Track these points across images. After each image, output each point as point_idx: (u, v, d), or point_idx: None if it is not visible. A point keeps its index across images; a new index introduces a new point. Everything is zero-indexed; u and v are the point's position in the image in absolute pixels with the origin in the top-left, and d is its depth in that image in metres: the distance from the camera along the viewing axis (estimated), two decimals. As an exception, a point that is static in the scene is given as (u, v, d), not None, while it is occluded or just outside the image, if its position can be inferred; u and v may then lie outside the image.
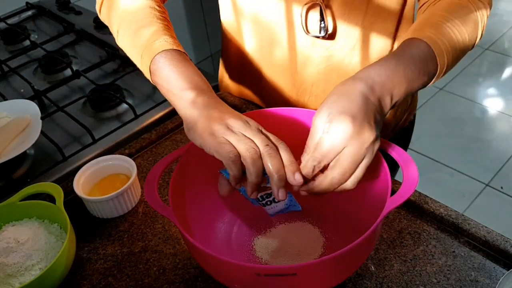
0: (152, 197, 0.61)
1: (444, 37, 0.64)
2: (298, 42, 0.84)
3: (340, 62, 0.84)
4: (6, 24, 1.39)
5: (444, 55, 0.64)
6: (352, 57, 0.83)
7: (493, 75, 2.72)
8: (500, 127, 2.40)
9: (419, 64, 0.62)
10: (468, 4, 0.69)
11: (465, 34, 0.67)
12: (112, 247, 0.77)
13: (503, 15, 3.15)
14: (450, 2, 0.69)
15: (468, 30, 0.67)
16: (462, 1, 0.69)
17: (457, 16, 0.67)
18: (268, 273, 0.54)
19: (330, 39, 0.82)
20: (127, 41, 0.73)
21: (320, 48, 0.83)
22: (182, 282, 0.71)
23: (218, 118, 0.59)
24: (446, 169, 2.19)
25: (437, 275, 0.67)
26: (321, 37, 0.81)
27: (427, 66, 0.63)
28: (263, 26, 0.86)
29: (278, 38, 0.86)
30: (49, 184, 0.77)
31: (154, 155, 0.93)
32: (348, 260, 0.59)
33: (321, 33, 0.80)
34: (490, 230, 0.71)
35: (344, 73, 0.85)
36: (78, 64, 1.22)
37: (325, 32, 0.80)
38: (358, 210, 0.70)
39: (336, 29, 0.80)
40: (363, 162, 0.57)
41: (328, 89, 0.87)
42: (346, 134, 0.56)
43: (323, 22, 0.79)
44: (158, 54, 0.66)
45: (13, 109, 0.97)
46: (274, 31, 0.85)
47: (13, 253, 0.69)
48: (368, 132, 0.56)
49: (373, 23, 0.79)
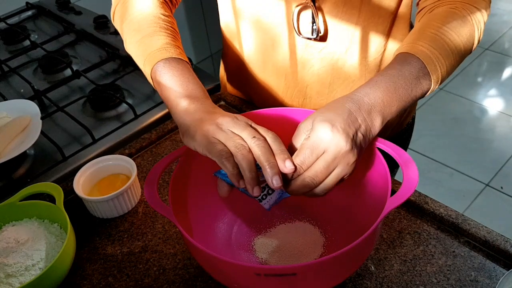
0: (152, 197, 0.61)
1: (437, 50, 0.65)
2: (291, 44, 0.84)
3: (334, 64, 0.84)
4: (6, 24, 1.39)
5: (438, 69, 0.64)
6: (347, 59, 0.83)
7: (493, 75, 2.72)
8: (500, 127, 2.40)
9: (411, 82, 0.63)
10: (462, 11, 0.69)
11: (460, 44, 0.67)
12: (112, 247, 0.77)
13: (503, 15, 3.16)
14: (445, 10, 0.69)
15: (463, 39, 0.67)
16: (457, 9, 0.69)
17: (451, 26, 0.67)
18: (268, 273, 0.54)
19: (322, 41, 0.82)
20: (133, 50, 0.75)
21: (313, 50, 0.83)
22: (182, 282, 0.71)
23: (209, 119, 0.61)
24: (446, 169, 2.19)
25: (437, 275, 0.68)
26: (313, 39, 0.81)
27: (419, 82, 0.64)
28: (259, 28, 0.86)
29: (272, 40, 0.86)
30: (49, 184, 0.77)
31: (154, 155, 0.93)
32: (348, 260, 0.59)
33: (313, 35, 0.80)
34: (490, 230, 0.71)
35: (338, 75, 0.85)
36: (78, 64, 1.22)
37: (317, 34, 0.80)
38: (358, 210, 0.70)
39: (327, 30, 0.80)
40: (335, 171, 0.58)
41: (323, 91, 0.88)
42: (323, 140, 0.57)
43: (314, 24, 0.79)
44: (157, 63, 0.69)
45: (13, 109, 0.97)
46: (269, 33, 0.85)
47: (13, 253, 0.69)
48: (343, 142, 0.57)
49: (367, 24, 0.79)
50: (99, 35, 1.29)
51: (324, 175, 0.58)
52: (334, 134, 0.57)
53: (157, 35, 0.72)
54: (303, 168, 0.58)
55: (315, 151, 0.58)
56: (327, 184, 0.59)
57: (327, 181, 0.58)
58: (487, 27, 0.73)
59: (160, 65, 0.69)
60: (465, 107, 2.52)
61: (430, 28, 0.67)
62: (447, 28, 0.66)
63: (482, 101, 2.55)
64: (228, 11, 0.91)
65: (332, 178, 0.58)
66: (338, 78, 0.86)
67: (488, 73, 2.75)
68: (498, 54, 2.85)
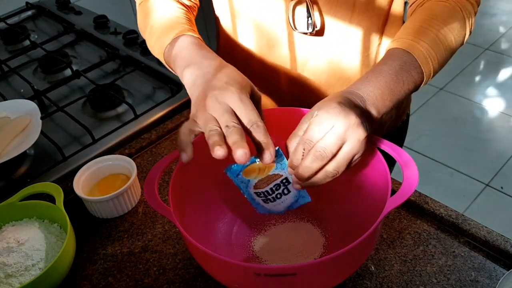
0: (152, 197, 0.61)
1: (427, 43, 0.66)
2: (290, 42, 0.84)
3: (331, 59, 0.84)
4: (6, 24, 1.39)
5: (429, 61, 0.66)
6: (343, 55, 0.83)
7: (493, 75, 2.72)
8: (500, 127, 2.40)
9: (402, 75, 0.64)
10: (452, 3, 0.70)
11: (450, 36, 0.68)
12: (112, 247, 0.77)
13: (502, 15, 3.15)
14: (435, 4, 0.70)
15: (454, 32, 0.69)
16: (447, 2, 0.70)
17: (441, 18, 0.68)
18: (267, 273, 0.54)
19: (319, 35, 0.82)
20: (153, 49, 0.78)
21: (309, 45, 0.83)
22: (182, 282, 0.71)
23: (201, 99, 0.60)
24: (446, 169, 2.19)
25: (437, 275, 0.68)
26: (309, 34, 0.81)
27: (411, 75, 0.65)
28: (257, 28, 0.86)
29: (271, 39, 0.86)
30: (49, 184, 0.77)
31: (154, 155, 0.93)
32: (348, 260, 0.59)
33: (309, 29, 0.80)
34: (490, 230, 0.71)
35: (334, 71, 0.85)
36: (78, 64, 1.22)
37: (313, 28, 0.80)
38: (358, 210, 0.70)
39: (324, 25, 0.80)
40: (346, 146, 0.57)
41: (319, 87, 0.88)
42: (331, 115, 0.57)
43: (310, 18, 0.79)
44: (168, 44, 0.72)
45: (13, 109, 0.97)
46: (267, 32, 0.85)
47: (13, 253, 0.69)
48: (353, 115, 0.57)
49: (362, 19, 0.80)
50: (99, 35, 1.29)
51: (335, 148, 0.57)
52: (343, 108, 0.57)
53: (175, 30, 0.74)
54: (313, 142, 0.57)
55: (324, 126, 0.57)
56: (339, 161, 0.58)
57: (338, 157, 0.57)
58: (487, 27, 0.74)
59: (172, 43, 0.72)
60: (465, 107, 2.52)
61: (420, 22, 0.68)
62: (437, 21, 0.68)
63: (482, 101, 2.55)
64: (225, 13, 0.91)
65: (343, 154, 0.57)
66: (335, 74, 0.86)
67: (488, 73, 2.75)
68: (498, 54, 2.85)
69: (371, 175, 0.66)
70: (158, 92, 1.09)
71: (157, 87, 1.11)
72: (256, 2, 0.83)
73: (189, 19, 0.79)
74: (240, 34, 0.91)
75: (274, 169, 0.62)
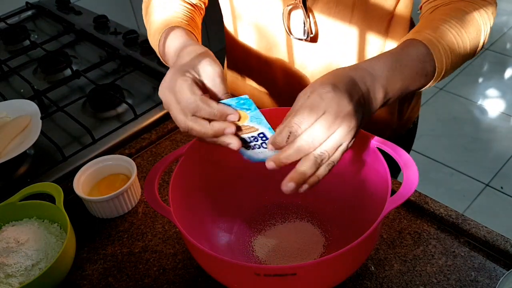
0: (152, 197, 0.61)
1: (444, 40, 0.64)
2: (289, 46, 0.84)
3: (328, 65, 0.84)
4: (6, 24, 1.39)
5: (443, 58, 0.64)
6: (342, 61, 0.83)
7: (493, 75, 2.72)
8: (500, 127, 2.40)
9: (417, 64, 0.62)
10: (471, 10, 0.68)
11: (466, 39, 0.66)
12: (112, 247, 0.77)
13: (503, 15, 3.16)
14: (452, 8, 0.69)
15: (470, 36, 0.67)
16: (466, 8, 0.68)
17: (459, 20, 0.66)
18: (267, 273, 0.54)
19: (314, 42, 0.81)
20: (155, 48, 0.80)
21: (306, 51, 0.83)
22: (182, 282, 0.71)
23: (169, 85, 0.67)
24: (446, 169, 2.19)
25: (437, 275, 0.68)
26: (305, 40, 0.81)
27: (425, 67, 0.63)
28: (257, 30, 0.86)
29: (270, 42, 0.86)
30: (49, 184, 0.77)
31: (154, 155, 0.93)
32: (348, 260, 0.59)
33: (304, 36, 0.80)
34: (490, 230, 0.71)
35: None
36: (78, 64, 1.22)
37: (307, 34, 0.79)
38: (358, 210, 0.70)
39: (318, 32, 0.80)
40: (335, 135, 0.54)
41: None
42: (324, 99, 0.54)
43: (305, 24, 0.79)
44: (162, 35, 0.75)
45: (13, 109, 0.97)
46: (266, 35, 0.86)
47: (13, 253, 0.69)
48: (346, 102, 0.54)
49: (361, 26, 0.78)
50: (99, 35, 1.29)
51: (322, 138, 0.54)
52: (336, 93, 0.54)
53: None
54: (301, 129, 0.54)
55: (315, 111, 0.54)
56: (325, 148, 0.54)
57: (326, 144, 0.54)
58: (488, 27, 0.73)
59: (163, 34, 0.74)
60: (465, 107, 2.52)
61: (437, 21, 0.66)
62: (455, 22, 0.66)
63: (482, 101, 2.55)
64: (227, 13, 0.91)
65: (331, 141, 0.54)
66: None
67: (488, 73, 2.74)
68: (498, 54, 2.85)
69: (371, 175, 0.66)
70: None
71: (157, 87, 1.10)
72: (255, 5, 0.83)
73: (190, 17, 0.79)
74: (240, 34, 0.91)
75: (248, 120, 0.59)
